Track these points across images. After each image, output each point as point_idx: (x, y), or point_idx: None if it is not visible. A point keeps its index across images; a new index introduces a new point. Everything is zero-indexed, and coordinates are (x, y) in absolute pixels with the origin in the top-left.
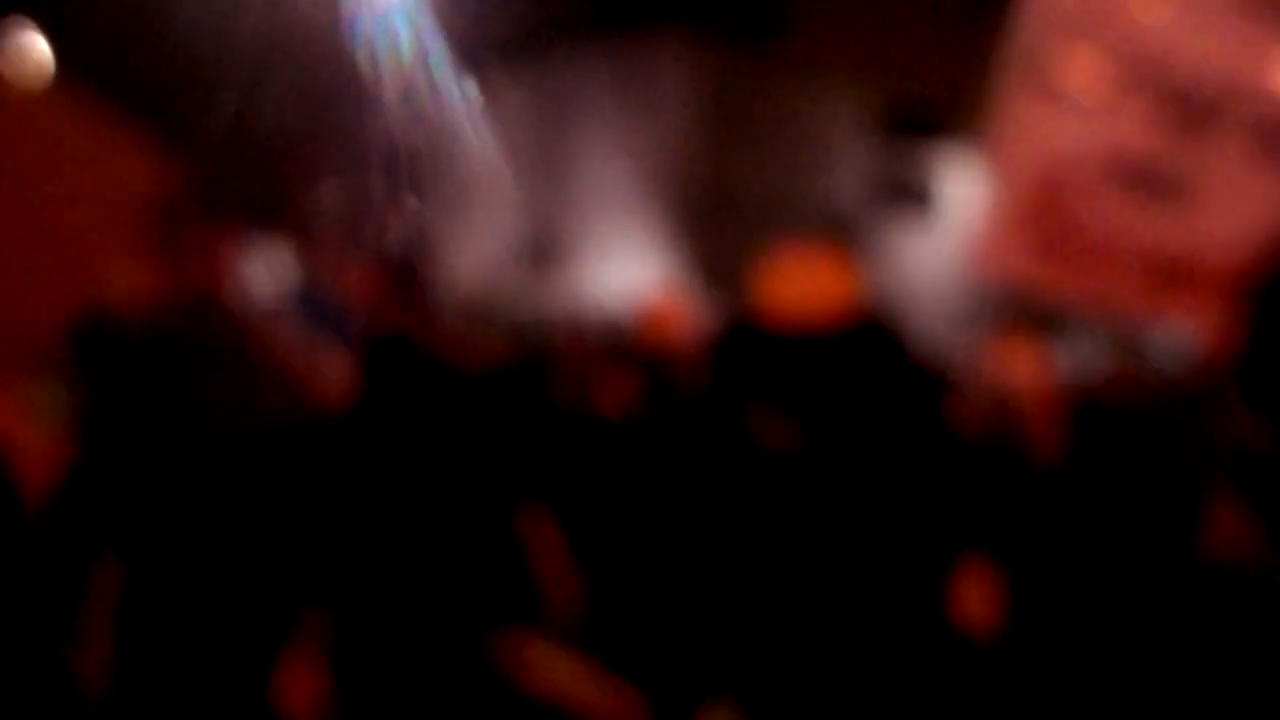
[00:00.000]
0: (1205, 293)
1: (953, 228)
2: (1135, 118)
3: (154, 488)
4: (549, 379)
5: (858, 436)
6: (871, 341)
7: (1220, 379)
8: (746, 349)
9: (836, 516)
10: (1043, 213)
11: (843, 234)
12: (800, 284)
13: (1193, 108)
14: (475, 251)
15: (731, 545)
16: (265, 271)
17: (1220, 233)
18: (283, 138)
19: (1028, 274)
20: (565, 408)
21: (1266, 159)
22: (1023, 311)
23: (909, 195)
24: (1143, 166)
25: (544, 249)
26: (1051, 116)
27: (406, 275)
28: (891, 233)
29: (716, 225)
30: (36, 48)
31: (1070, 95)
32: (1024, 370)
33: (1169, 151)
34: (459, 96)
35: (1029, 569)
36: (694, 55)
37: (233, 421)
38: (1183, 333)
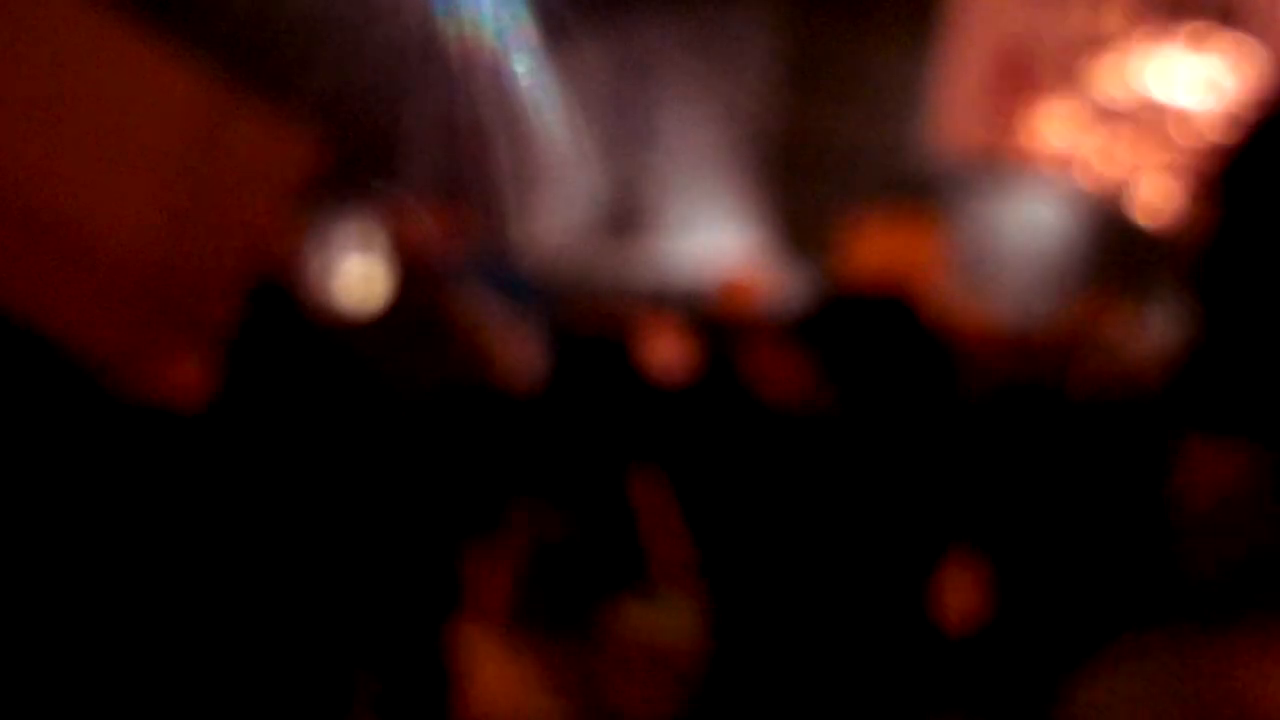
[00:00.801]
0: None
1: (1040, 187)
2: (1081, 5)
3: (336, 456)
4: (633, 348)
5: (872, 407)
6: (891, 315)
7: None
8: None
9: (837, 488)
10: (999, 90)
11: (929, 196)
12: (887, 250)
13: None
14: (557, 219)
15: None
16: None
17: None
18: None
19: (987, 145)
20: (649, 377)
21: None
22: (1113, 274)
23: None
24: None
25: (626, 215)
26: (1004, 4)
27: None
28: (979, 193)
29: (801, 188)
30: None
31: None
32: (1107, 332)
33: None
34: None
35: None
36: (775, 14)
37: (419, 390)
38: None
